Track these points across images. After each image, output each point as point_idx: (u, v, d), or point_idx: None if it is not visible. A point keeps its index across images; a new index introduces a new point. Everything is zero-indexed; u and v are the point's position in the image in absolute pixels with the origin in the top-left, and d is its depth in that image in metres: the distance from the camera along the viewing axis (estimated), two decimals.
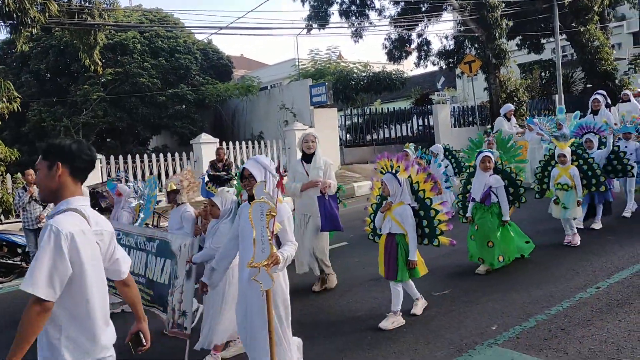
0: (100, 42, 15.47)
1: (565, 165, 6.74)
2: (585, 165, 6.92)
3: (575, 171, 6.72)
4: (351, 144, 21.04)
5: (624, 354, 3.80)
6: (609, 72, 25.20)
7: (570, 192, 6.68)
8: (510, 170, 6.17)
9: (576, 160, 6.89)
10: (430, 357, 4.15)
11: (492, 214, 5.97)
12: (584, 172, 6.88)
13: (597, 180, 6.86)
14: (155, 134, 22.52)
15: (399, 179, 4.85)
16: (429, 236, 4.92)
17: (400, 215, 4.85)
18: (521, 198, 6.13)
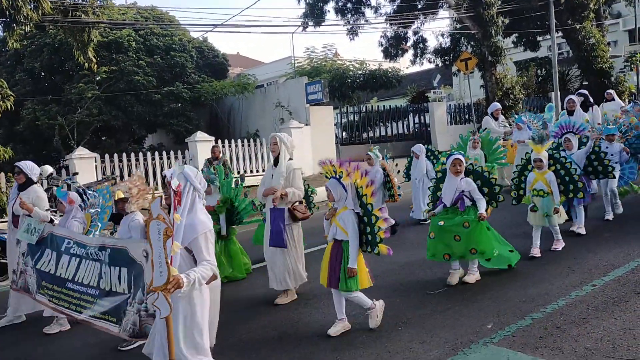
0: (95, 39, 15.39)
1: (541, 170, 6.37)
2: (563, 170, 6.47)
3: (551, 176, 6.34)
4: (347, 142, 21.02)
5: (620, 352, 3.78)
6: (605, 70, 25.23)
7: (547, 198, 6.32)
8: (482, 170, 5.85)
9: (553, 164, 6.48)
10: (425, 356, 4.12)
11: (463, 214, 5.61)
12: (561, 177, 6.43)
13: (574, 187, 6.42)
14: (151, 132, 22.46)
15: (343, 184, 4.66)
16: (371, 244, 4.64)
17: (343, 221, 4.66)
18: (498, 197, 5.75)
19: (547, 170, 6.38)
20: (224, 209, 6.86)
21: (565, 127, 7.50)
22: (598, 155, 7.18)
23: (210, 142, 15.36)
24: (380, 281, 6.07)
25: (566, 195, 6.46)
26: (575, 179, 6.40)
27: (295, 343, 4.69)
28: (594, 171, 7.20)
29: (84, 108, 18.94)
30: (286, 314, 5.41)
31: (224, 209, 6.86)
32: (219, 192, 6.89)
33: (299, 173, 5.90)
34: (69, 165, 13.87)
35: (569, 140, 7.25)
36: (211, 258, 3.45)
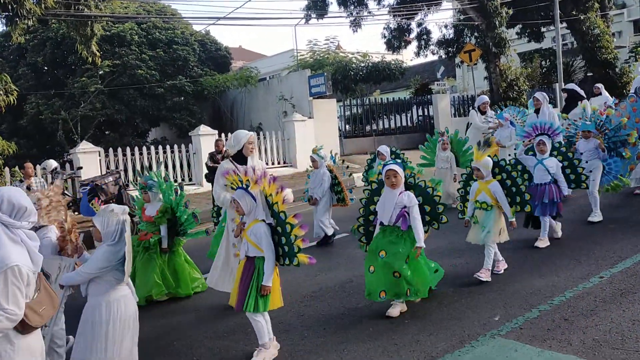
0: (98, 33, 15.34)
1: (484, 180, 5.64)
2: (509, 180, 5.70)
3: (496, 187, 5.59)
4: (351, 135, 20.96)
5: (629, 344, 3.76)
6: (610, 61, 25.08)
7: (490, 211, 5.56)
8: (425, 185, 5.02)
9: (499, 173, 5.72)
10: (432, 348, 4.11)
11: (406, 241, 4.81)
12: (507, 188, 5.68)
13: (521, 199, 5.66)
14: (154, 126, 22.44)
15: (252, 194, 4.21)
16: (289, 255, 4.19)
17: (254, 235, 4.19)
18: (441, 218, 5.00)
19: (492, 179, 5.65)
20: (164, 220, 6.16)
21: (540, 128, 6.73)
22: (571, 163, 6.63)
23: (214, 135, 15.33)
24: None
25: (515, 206, 5.70)
26: (522, 190, 5.66)
27: (301, 335, 4.68)
28: (566, 180, 6.55)
29: (87, 102, 18.93)
30: (291, 307, 5.40)
31: (164, 219, 6.16)
32: (160, 200, 6.22)
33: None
34: (73, 160, 13.88)
35: (543, 143, 6.51)
36: (9, 305, 2.66)
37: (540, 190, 6.37)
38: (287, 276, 6.48)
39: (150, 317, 5.52)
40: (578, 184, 6.65)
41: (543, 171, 6.41)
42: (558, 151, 6.64)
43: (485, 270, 5.44)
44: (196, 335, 5.02)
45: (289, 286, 6.16)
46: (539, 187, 6.41)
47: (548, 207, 6.35)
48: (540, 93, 9.49)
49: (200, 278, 6.36)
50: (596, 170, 7.13)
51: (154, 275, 5.99)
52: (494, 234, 5.53)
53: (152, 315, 5.63)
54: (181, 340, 4.93)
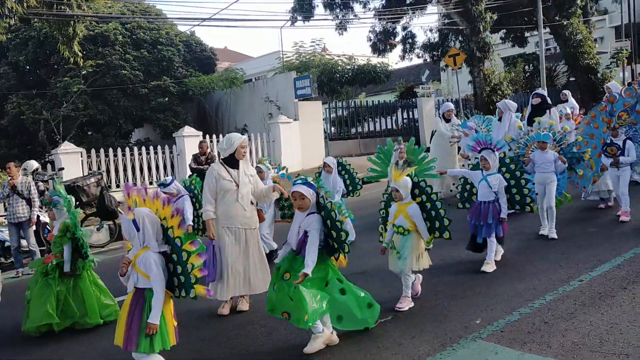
0: (80, 33, 15.21)
1: (403, 202, 5.09)
2: (429, 202, 5.06)
3: (414, 209, 5.01)
4: (336, 137, 21.01)
5: (607, 347, 3.81)
6: (592, 66, 25.44)
7: (407, 236, 5.02)
8: (330, 208, 4.36)
9: (419, 195, 5.10)
10: (414, 351, 4.12)
11: (317, 265, 4.30)
12: (427, 211, 5.06)
13: (440, 224, 5.02)
14: (138, 127, 22.29)
15: (134, 222, 3.76)
16: (185, 286, 3.78)
17: (143, 264, 3.75)
18: (343, 246, 4.32)
19: (410, 202, 5.07)
20: (65, 240, 5.48)
21: (482, 143, 6.16)
22: (518, 183, 6.08)
23: (198, 137, 15.28)
24: (369, 277, 6.08)
25: (431, 233, 5.09)
26: (441, 215, 5.01)
27: (285, 339, 4.67)
28: (511, 200, 6.07)
29: (70, 102, 18.73)
30: None
31: (66, 239, 5.49)
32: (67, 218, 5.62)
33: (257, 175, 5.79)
34: (55, 160, 13.73)
35: (484, 159, 5.99)
36: None
37: (484, 208, 5.91)
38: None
39: None
40: (522, 206, 6.10)
41: (487, 188, 5.90)
42: (506, 167, 6.13)
43: (405, 298, 5.01)
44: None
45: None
46: (483, 205, 5.94)
47: (493, 227, 5.86)
48: (504, 101, 9.05)
49: (113, 305, 5.65)
50: (552, 184, 6.84)
51: (48, 304, 5.28)
52: (412, 261, 4.99)
53: None
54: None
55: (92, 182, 10.39)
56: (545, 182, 6.85)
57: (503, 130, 8.40)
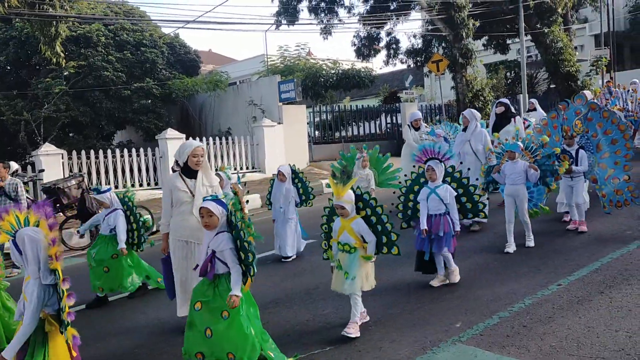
0: (63, 34, 15.08)
1: (347, 218, 4.67)
2: (374, 216, 4.65)
3: (359, 225, 4.61)
4: (320, 141, 21.05)
5: (584, 351, 3.87)
6: (572, 74, 25.82)
7: (354, 254, 4.61)
8: (240, 227, 3.99)
9: (363, 208, 4.69)
10: (394, 355, 4.15)
11: (221, 294, 3.93)
12: (372, 225, 4.65)
13: (387, 239, 4.63)
14: (120, 128, 22.10)
15: (15, 245, 3.29)
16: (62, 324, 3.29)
17: (28, 294, 3.28)
18: (249, 268, 3.97)
19: (355, 216, 4.66)
20: None
21: (430, 152, 5.83)
22: (467, 190, 5.79)
23: (181, 139, 15.19)
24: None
25: (379, 250, 4.70)
26: (387, 229, 4.60)
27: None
28: (462, 209, 5.77)
29: (51, 103, 18.52)
30: None
31: None
32: None
33: (219, 185, 5.30)
34: (35, 162, 13.56)
35: (431, 169, 5.65)
36: None
37: (435, 222, 5.58)
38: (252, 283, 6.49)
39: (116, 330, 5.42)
40: (475, 213, 5.83)
41: (437, 201, 5.58)
42: (451, 177, 5.80)
43: (354, 324, 4.58)
44: (159, 343, 4.95)
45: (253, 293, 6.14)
46: (433, 218, 5.60)
47: (444, 242, 5.54)
48: (469, 110, 8.59)
49: None
50: (523, 198, 6.64)
51: None
52: (360, 281, 4.60)
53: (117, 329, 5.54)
54: (144, 347, 4.87)
55: (73, 184, 10.28)
56: (515, 195, 6.66)
57: (466, 138, 8.14)
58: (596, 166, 7.23)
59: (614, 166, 7.09)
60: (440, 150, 5.76)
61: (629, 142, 7.07)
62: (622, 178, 7.02)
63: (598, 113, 7.22)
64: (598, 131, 7.22)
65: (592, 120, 7.23)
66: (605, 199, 7.15)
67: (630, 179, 7.05)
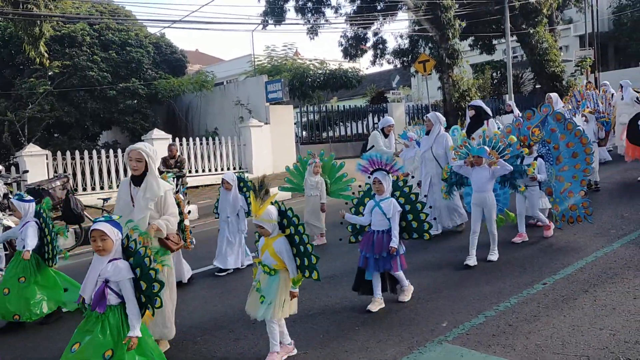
0: (47, 33, 14.94)
1: (270, 236, 4.20)
2: (297, 236, 4.19)
3: (281, 244, 4.15)
4: (307, 141, 21.05)
5: (569, 349, 3.90)
6: (557, 74, 26.10)
7: (274, 277, 4.19)
8: (144, 254, 3.61)
9: (287, 226, 4.23)
10: (381, 354, 4.15)
11: (107, 327, 3.48)
12: (296, 245, 4.19)
13: (308, 262, 4.15)
14: (105, 129, 21.91)
15: None
16: None
17: None
18: (155, 300, 3.59)
19: (279, 234, 4.21)
20: None
21: (376, 163, 5.24)
22: (414, 207, 5.22)
23: (167, 140, 15.10)
24: (338, 280, 6.10)
25: (302, 272, 4.21)
26: (309, 251, 4.14)
27: (253, 342, 4.65)
28: (407, 228, 5.24)
29: (36, 104, 18.30)
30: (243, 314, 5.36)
31: None
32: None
33: (170, 194, 4.69)
34: (19, 163, 13.40)
35: (378, 181, 5.12)
36: None
37: (378, 239, 5.07)
38: (241, 283, 6.46)
39: None
40: (420, 234, 5.22)
41: (380, 215, 5.06)
42: (400, 191, 5.28)
43: (274, 354, 4.18)
44: None
45: (241, 294, 6.12)
46: (376, 235, 5.08)
47: (387, 262, 5.05)
48: (434, 113, 7.97)
49: None
50: (491, 207, 6.21)
51: None
52: (277, 308, 4.13)
53: None
54: None
55: (57, 185, 10.17)
56: (482, 204, 6.22)
57: (429, 144, 7.71)
58: (553, 178, 6.95)
59: (571, 180, 6.84)
60: (388, 161, 5.21)
61: (589, 157, 6.82)
62: (578, 193, 6.77)
63: (562, 124, 6.92)
64: (560, 143, 6.94)
65: (555, 131, 6.96)
66: (559, 213, 6.90)
67: (586, 194, 6.87)
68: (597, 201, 8.86)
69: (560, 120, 6.94)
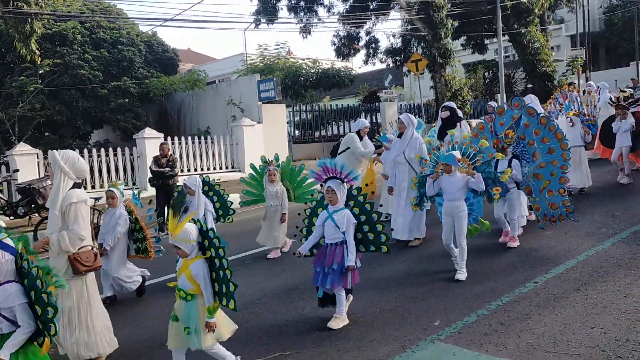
0: (38, 31, 14.82)
1: (189, 257, 3.83)
2: (217, 259, 3.80)
3: (198, 267, 3.77)
4: (300, 140, 21.05)
5: (560, 348, 3.92)
6: (548, 73, 26.23)
7: (191, 302, 3.81)
8: (36, 275, 3.25)
9: (208, 247, 3.82)
10: (374, 354, 4.15)
11: None
12: (215, 270, 3.80)
13: (226, 289, 3.74)
14: (97, 128, 21.81)
15: None
16: None
17: None
18: (49, 327, 3.21)
19: (198, 256, 3.82)
20: None
21: (330, 170, 4.78)
22: (369, 218, 4.83)
23: (159, 139, 15.03)
24: None
25: (220, 299, 3.80)
26: (227, 277, 3.73)
27: (245, 343, 4.64)
28: (362, 240, 4.86)
29: (26, 102, 18.19)
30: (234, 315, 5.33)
31: None
32: None
33: (79, 208, 4.21)
34: (10, 162, 13.30)
35: (331, 190, 4.71)
36: None
37: (329, 252, 4.69)
38: None
39: None
40: (377, 246, 4.86)
41: (333, 228, 4.70)
42: (355, 201, 4.88)
43: None
44: None
45: None
46: (329, 248, 4.72)
47: (336, 275, 4.66)
48: (406, 115, 7.47)
49: None
50: (461, 215, 5.74)
51: None
52: (205, 335, 3.77)
53: None
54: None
55: (48, 184, 10.10)
56: (453, 213, 5.75)
57: (402, 148, 7.26)
58: (531, 177, 6.64)
59: (550, 177, 6.51)
60: (343, 169, 4.74)
61: (565, 152, 6.49)
62: (558, 191, 6.49)
63: (535, 119, 6.62)
64: (535, 139, 6.62)
65: (529, 126, 6.65)
66: (540, 212, 6.64)
67: (565, 192, 6.58)
68: (589, 200, 8.91)
69: (533, 114, 6.65)
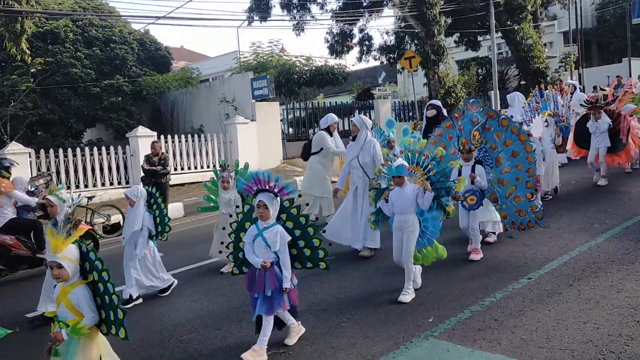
0: (29, 29, 14.71)
1: (68, 283, 3.43)
2: (101, 284, 3.43)
3: (78, 295, 3.40)
4: (293, 138, 20.99)
5: (553, 343, 3.93)
6: (541, 70, 26.29)
7: (71, 339, 3.37)
8: None
9: (90, 271, 3.46)
10: (368, 351, 4.16)
11: None
12: (100, 295, 3.45)
13: (114, 315, 3.39)
14: (89, 126, 21.69)
15: None
16: None
17: None
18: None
19: (79, 282, 3.44)
20: None
21: (262, 182, 4.24)
22: (305, 233, 4.40)
23: (152, 137, 14.98)
24: (325, 277, 6.09)
25: (108, 328, 3.44)
26: (114, 303, 3.37)
27: (239, 339, 4.63)
28: (298, 256, 4.44)
29: (18, 101, 18.07)
30: (230, 312, 5.35)
31: None
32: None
33: None
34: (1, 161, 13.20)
35: (264, 205, 4.20)
36: None
37: (259, 275, 4.19)
38: (222, 282, 6.43)
39: None
40: (315, 262, 4.46)
41: (264, 247, 4.21)
42: (287, 214, 4.42)
43: None
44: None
45: (225, 293, 6.10)
46: (258, 271, 4.20)
47: (275, 301, 4.21)
48: (359, 117, 7.01)
49: None
50: (411, 231, 5.17)
51: None
52: None
53: None
54: None
55: (41, 183, 10.04)
56: (402, 228, 5.18)
57: (356, 152, 6.89)
58: (496, 183, 6.28)
59: (515, 182, 6.17)
60: (277, 182, 4.24)
61: (530, 155, 6.14)
62: (525, 196, 6.13)
63: (496, 121, 6.25)
64: (497, 142, 6.25)
65: (490, 129, 6.25)
66: (507, 220, 6.31)
67: (533, 197, 6.24)
68: (581, 197, 8.96)
69: (493, 117, 6.29)
